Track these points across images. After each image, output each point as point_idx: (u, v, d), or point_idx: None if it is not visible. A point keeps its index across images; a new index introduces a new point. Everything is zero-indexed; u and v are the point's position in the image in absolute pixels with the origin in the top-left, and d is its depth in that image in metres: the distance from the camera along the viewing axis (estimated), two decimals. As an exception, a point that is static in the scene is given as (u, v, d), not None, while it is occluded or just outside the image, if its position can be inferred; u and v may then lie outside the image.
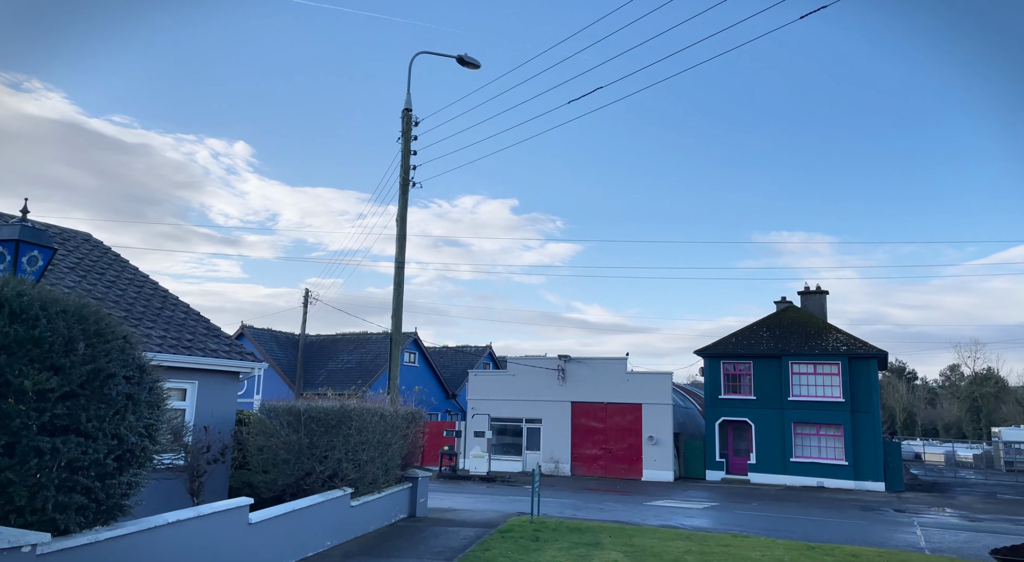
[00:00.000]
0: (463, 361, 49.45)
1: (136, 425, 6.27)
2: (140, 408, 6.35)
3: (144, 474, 6.58)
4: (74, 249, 14.35)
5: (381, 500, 14.08)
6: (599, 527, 14.59)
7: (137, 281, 14.54)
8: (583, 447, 33.69)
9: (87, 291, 12.66)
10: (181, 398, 12.66)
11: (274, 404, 12.90)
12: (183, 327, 13.55)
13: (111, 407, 5.98)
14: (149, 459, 6.68)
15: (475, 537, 13.19)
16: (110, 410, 5.96)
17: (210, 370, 13.06)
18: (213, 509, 8.37)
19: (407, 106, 17.82)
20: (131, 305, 13.17)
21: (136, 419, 6.26)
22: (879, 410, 31.83)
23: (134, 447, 6.28)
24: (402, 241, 17.20)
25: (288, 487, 12.29)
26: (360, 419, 12.83)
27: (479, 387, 36.14)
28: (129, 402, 6.21)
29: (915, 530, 17.59)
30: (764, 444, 32.11)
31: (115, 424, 6.00)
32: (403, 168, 17.54)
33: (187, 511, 7.85)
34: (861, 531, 16.93)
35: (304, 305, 37.23)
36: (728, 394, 33.38)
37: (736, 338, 34.61)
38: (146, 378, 6.48)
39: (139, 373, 6.41)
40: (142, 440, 6.39)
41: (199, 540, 8.02)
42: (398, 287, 17.18)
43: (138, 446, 6.34)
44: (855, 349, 31.58)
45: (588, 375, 34.23)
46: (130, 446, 6.22)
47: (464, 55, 18.03)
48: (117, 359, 6.09)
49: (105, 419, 5.90)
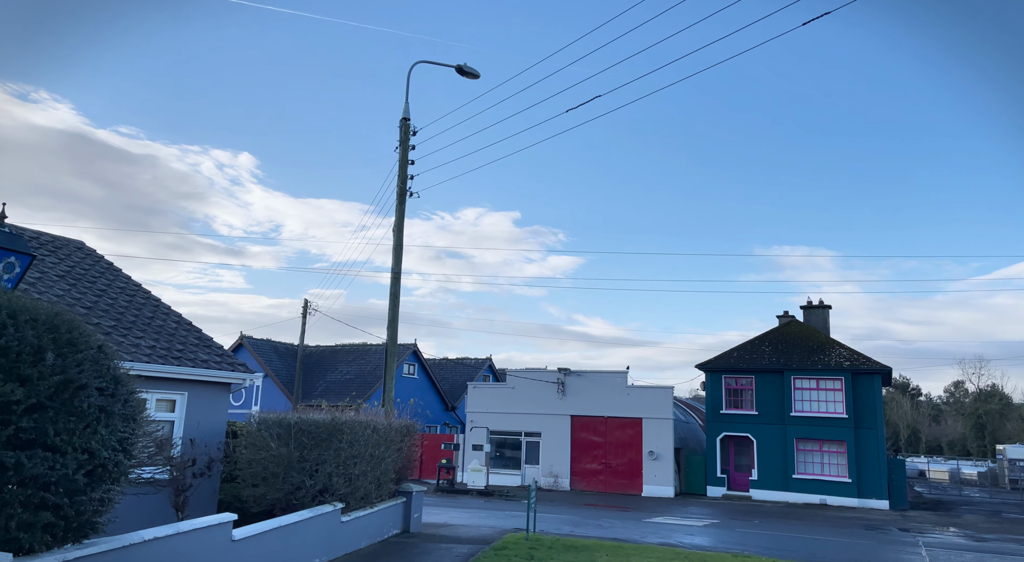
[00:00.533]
0: (463, 373, 49.11)
1: (109, 439, 6.02)
2: (114, 421, 6.10)
3: (118, 490, 6.32)
4: (66, 257, 14.16)
5: (373, 515, 13.77)
6: (596, 545, 14.26)
7: (129, 290, 14.34)
8: (582, 461, 33.29)
9: (76, 299, 12.46)
10: (170, 409, 12.42)
11: (264, 416, 12.65)
12: (174, 337, 13.32)
13: (82, 420, 5.73)
14: (124, 474, 6.42)
15: (468, 554, 12.88)
16: (81, 423, 5.72)
17: (201, 381, 12.81)
18: (193, 526, 8.10)
19: (405, 115, 17.68)
20: (121, 314, 12.96)
21: (109, 433, 6.02)
22: (883, 426, 31.42)
23: (107, 462, 6.03)
24: (399, 251, 17.00)
25: (277, 502, 12.01)
26: (352, 432, 12.56)
27: (478, 400, 35.82)
28: (102, 415, 5.97)
29: (920, 550, 17.20)
30: (766, 460, 31.69)
31: (86, 438, 5.76)
32: (400, 178, 17.37)
33: (166, 528, 7.58)
34: (864, 551, 16.56)
35: (303, 316, 37.00)
36: (730, 409, 33.00)
37: (738, 352, 34.28)
38: (121, 390, 6.24)
39: (114, 384, 6.17)
40: (115, 454, 6.14)
41: (178, 558, 7.74)
42: (394, 298, 16.95)
43: (111, 461, 6.09)
44: (858, 364, 31.23)
45: (588, 388, 33.89)
46: (102, 461, 5.97)
47: (464, 65, 17.91)
48: (90, 370, 5.86)
49: (75, 433, 5.65)
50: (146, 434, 8.00)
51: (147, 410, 8.40)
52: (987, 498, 38.77)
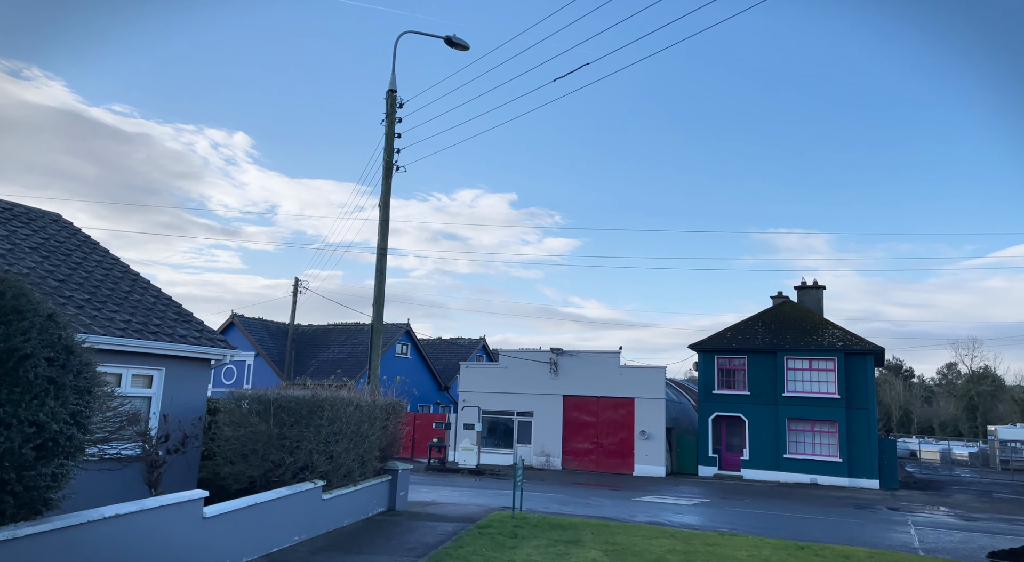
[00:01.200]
0: (457, 353, 48.96)
1: (60, 412, 5.74)
2: (65, 393, 5.81)
3: (72, 464, 6.04)
4: (40, 229, 13.80)
5: (357, 493, 13.58)
6: (582, 523, 14.11)
7: (106, 264, 13.99)
8: (574, 441, 33.23)
9: (49, 272, 12.12)
10: (147, 385, 12.14)
11: (243, 392, 12.40)
12: (151, 311, 13.01)
13: (28, 391, 5.45)
14: (79, 449, 6.15)
15: (452, 532, 12.71)
16: (27, 395, 5.44)
17: (179, 356, 12.53)
18: (160, 503, 7.85)
19: (391, 87, 17.24)
20: (96, 287, 12.63)
21: (60, 405, 5.73)
22: (875, 407, 31.37)
23: (58, 436, 5.76)
24: (384, 227, 16.65)
25: (257, 479, 11.80)
26: (333, 409, 12.32)
27: (471, 379, 35.68)
28: (51, 386, 5.68)
29: (909, 529, 17.13)
30: (757, 440, 31.66)
31: (33, 410, 5.47)
32: (387, 151, 16.97)
33: (129, 505, 7.33)
34: (854, 530, 16.47)
35: (294, 294, 36.68)
36: (722, 389, 32.91)
37: (731, 333, 34.11)
38: (73, 360, 5.94)
39: (65, 355, 5.87)
40: (68, 428, 5.86)
41: (144, 536, 7.50)
42: (380, 274, 16.64)
43: (63, 434, 5.81)
44: (851, 345, 31.10)
45: (581, 368, 33.74)
46: (52, 434, 5.69)
47: (453, 36, 17.45)
48: (37, 339, 5.56)
49: (20, 404, 5.37)
50: (109, 408, 7.72)
51: (108, 384, 8.11)
52: (978, 478, 38.91)
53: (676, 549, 11.68)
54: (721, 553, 11.59)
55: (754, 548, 12.24)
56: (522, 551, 10.89)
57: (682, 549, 11.71)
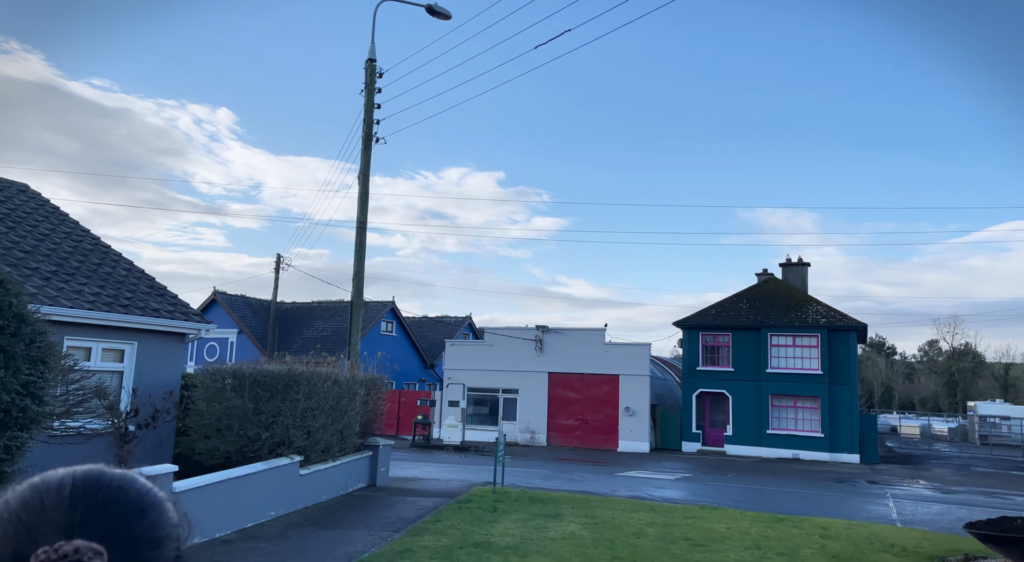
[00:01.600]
0: (443, 331, 48.80)
1: (11, 382, 5.50)
2: (16, 362, 5.57)
3: (26, 437, 5.81)
4: (6, 199, 13.40)
5: (336, 469, 13.45)
6: (563, 498, 14.08)
7: (75, 235, 13.63)
8: (559, 418, 33.30)
9: (14, 243, 11.78)
10: (118, 359, 11.89)
11: (218, 367, 12.17)
12: (123, 284, 12.71)
13: (-26, 360, 5.20)
14: (34, 421, 5.92)
15: (432, 507, 12.63)
16: (-27, 363, 5.19)
17: (151, 330, 12.27)
18: (126, 477, 7.64)
19: (371, 57, 16.82)
20: (64, 259, 12.30)
21: (10, 375, 5.49)
22: (856, 383, 31.61)
23: (10, 407, 5.52)
24: (364, 200, 16.35)
25: (233, 454, 11.62)
26: (310, 384, 12.14)
27: (456, 357, 35.57)
28: (0, 355, 5.43)
29: (887, 502, 17.28)
30: (741, 416, 31.86)
31: (-21, 380, 5.23)
32: (366, 122, 16.60)
33: (92, 479, 7.12)
34: (833, 503, 16.59)
35: (276, 271, 36.26)
36: (706, 366, 33.01)
37: (715, 310, 34.15)
38: (25, 329, 5.68)
39: (16, 323, 5.61)
40: (21, 399, 5.62)
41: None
42: (360, 248, 16.37)
43: (15, 406, 5.57)
44: (835, 321, 31.22)
45: (566, 346, 33.70)
46: (4, 405, 5.45)
47: (434, 4, 17.02)
48: (-17, 306, 5.29)
49: (-34, 373, 5.12)
50: (71, 381, 7.47)
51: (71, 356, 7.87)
52: (957, 453, 39.48)
53: (656, 522, 11.66)
54: (700, 526, 11.58)
55: (733, 521, 12.25)
56: (501, 525, 10.82)
57: (662, 522, 11.69)
